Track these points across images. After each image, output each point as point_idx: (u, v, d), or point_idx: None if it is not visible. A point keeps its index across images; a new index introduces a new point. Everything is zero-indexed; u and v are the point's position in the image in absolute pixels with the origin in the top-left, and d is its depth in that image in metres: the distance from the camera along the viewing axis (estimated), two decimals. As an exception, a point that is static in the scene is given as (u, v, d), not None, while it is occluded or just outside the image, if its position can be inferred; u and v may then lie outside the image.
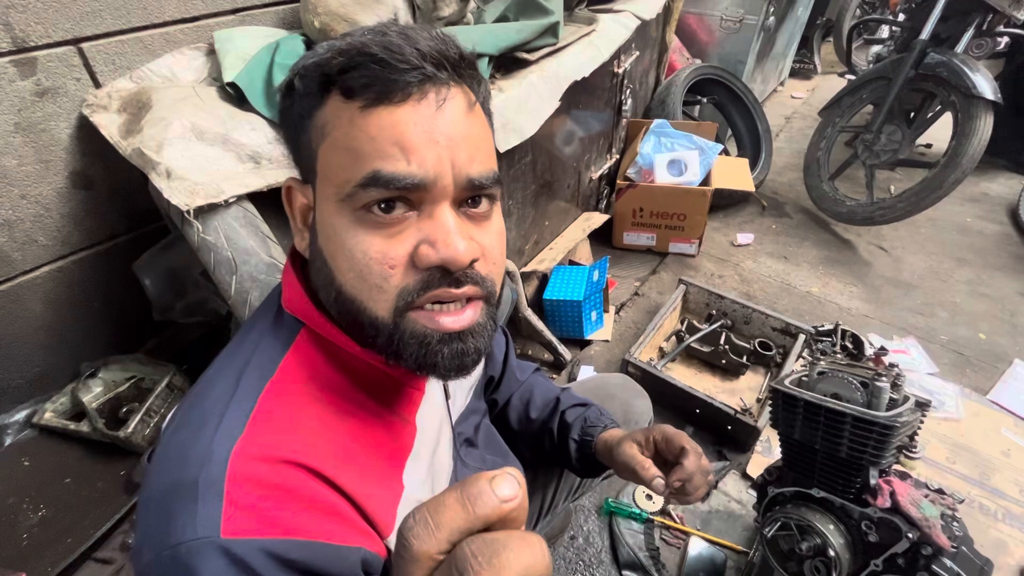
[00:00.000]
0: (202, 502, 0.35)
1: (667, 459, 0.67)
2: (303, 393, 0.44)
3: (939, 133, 2.22)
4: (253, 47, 1.15)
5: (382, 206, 0.40)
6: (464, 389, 0.67)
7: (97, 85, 1.11)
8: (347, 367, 0.47)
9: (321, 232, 0.43)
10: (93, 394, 1.22)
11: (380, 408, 0.49)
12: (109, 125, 1.02)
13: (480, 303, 0.44)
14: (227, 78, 1.08)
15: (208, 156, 0.98)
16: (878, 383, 0.75)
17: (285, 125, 0.46)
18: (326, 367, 0.46)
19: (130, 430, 1.14)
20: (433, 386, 0.58)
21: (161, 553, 0.35)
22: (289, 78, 0.43)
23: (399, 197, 0.40)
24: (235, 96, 1.09)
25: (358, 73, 0.38)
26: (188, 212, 0.90)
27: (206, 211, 0.93)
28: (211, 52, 1.20)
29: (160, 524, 0.36)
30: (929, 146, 2.71)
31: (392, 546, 0.44)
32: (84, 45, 1.07)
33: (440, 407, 0.59)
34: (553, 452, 0.81)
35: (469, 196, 0.42)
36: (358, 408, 0.47)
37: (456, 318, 0.42)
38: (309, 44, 1.21)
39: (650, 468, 0.65)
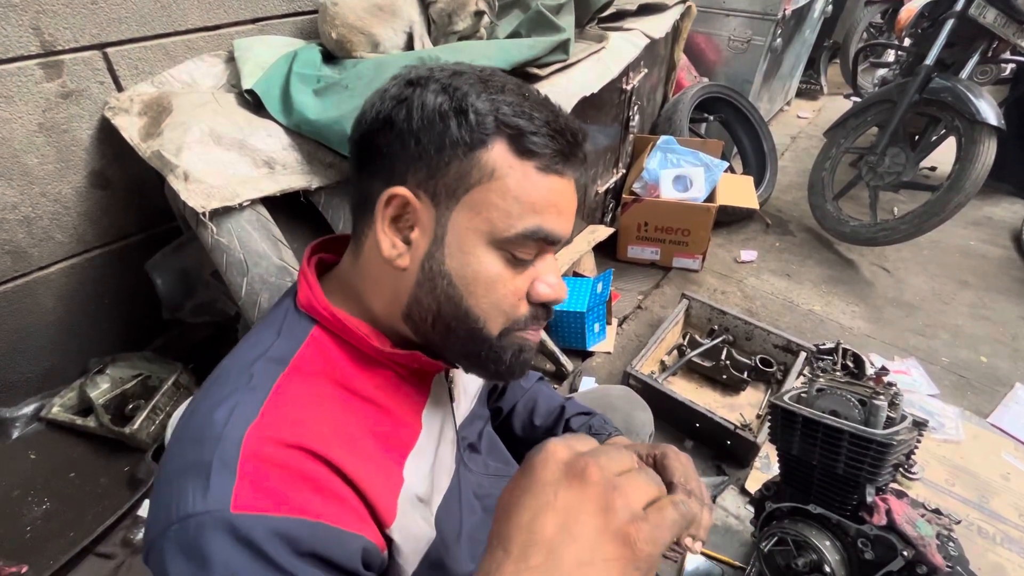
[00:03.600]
0: (215, 477, 0.37)
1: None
2: (313, 386, 0.46)
3: (944, 156, 2.24)
4: (271, 56, 1.18)
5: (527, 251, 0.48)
6: (469, 395, 0.69)
7: (120, 89, 1.14)
8: (356, 365, 0.49)
9: (453, 256, 0.47)
10: (100, 390, 1.24)
11: (385, 404, 0.51)
12: (130, 128, 1.05)
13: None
14: (246, 85, 1.11)
15: (225, 160, 1.00)
16: (876, 401, 0.76)
17: (420, 135, 0.45)
18: (336, 364, 0.48)
19: (136, 427, 1.16)
20: (438, 389, 0.59)
21: (170, 526, 0.36)
22: (460, 103, 0.44)
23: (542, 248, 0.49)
24: (252, 103, 1.12)
25: (544, 141, 0.45)
26: (204, 214, 0.92)
27: (221, 214, 0.95)
28: (230, 60, 1.23)
29: (171, 499, 0.37)
30: (934, 169, 2.74)
31: (394, 536, 0.46)
32: (109, 50, 1.10)
33: (444, 409, 0.61)
34: None
35: None
36: (364, 403, 0.49)
37: (536, 333, 0.52)
38: (326, 54, 1.24)
39: None
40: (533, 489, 0.33)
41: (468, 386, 0.69)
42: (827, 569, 0.80)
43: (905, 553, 0.74)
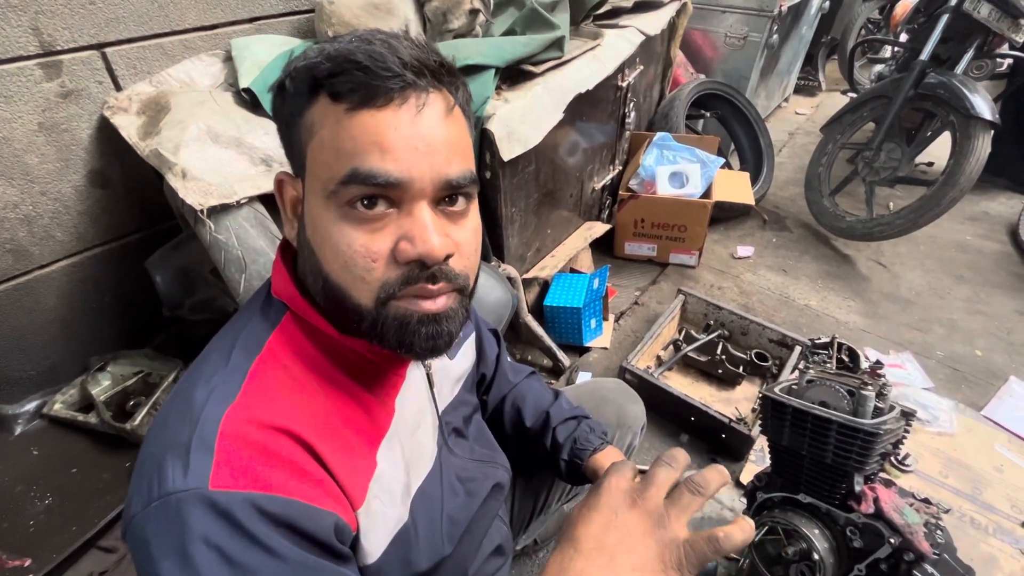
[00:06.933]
0: (193, 456, 0.38)
1: None
2: (286, 370, 0.47)
3: (940, 151, 2.25)
4: (268, 55, 1.19)
5: (364, 203, 0.42)
6: (450, 380, 0.69)
7: (118, 88, 1.15)
8: (328, 349, 0.50)
9: (309, 224, 0.46)
10: (102, 387, 1.26)
11: (359, 389, 0.52)
12: (128, 127, 1.06)
13: (454, 294, 0.47)
14: (243, 84, 1.12)
15: (222, 158, 1.01)
16: (864, 392, 0.77)
17: (278, 122, 0.49)
18: (309, 348, 0.49)
19: (136, 423, 1.17)
20: (415, 374, 0.60)
21: (150, 503, 0.37)
22: (281, 79, 0.46)
23: (379, 195, 0.43)
24: (250, 101, 1.13)
25: (344, 78, 0.41)
26: (202, 211, 0.94)
27: (219, 211, 0.96)
28: (228, 59, 1.24)
29: (152, 477, 0.39)
30: (931, 164, 2.74)
31: (360, 519, 0.47)
32: (107, 50, 1.12)
33: (422, 394, 0.61)
34: (546, 463, 0.82)
35: (447, 195, 0.45)
36: (338, 388, 0.50)
37: (433, 302, 0.45)
38: (322, 53, 1.25)
39: None
40: (600, 508, 0.46)
41: (450, 371, 0.69)
42: (816, 557, 0.81)
43: (892, 540, 0.75)
